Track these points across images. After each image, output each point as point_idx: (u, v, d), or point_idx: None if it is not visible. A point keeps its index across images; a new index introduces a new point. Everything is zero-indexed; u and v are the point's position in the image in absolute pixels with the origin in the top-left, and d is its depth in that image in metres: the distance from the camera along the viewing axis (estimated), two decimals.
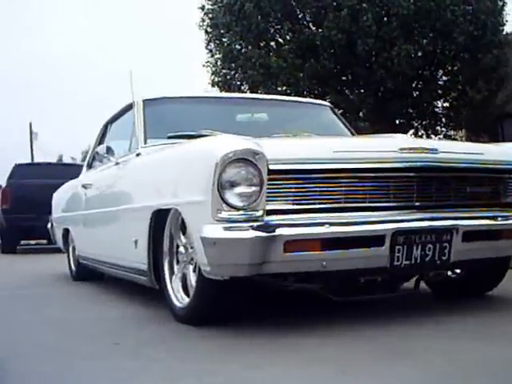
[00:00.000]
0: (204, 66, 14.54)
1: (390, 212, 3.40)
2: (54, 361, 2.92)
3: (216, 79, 14.26)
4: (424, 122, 14.35)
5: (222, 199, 3.05)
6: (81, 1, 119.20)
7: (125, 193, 4.50)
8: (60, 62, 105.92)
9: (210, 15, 14.16)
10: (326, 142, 3.73)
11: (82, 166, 15.77)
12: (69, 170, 13.70)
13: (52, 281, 6.87)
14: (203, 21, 14.35)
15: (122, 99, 5.35)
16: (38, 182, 12.26)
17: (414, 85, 13.43)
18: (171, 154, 3.92)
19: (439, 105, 14.46)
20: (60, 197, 7.34)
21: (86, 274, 6.38)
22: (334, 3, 12.05)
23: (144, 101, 4.87)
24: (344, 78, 13.16)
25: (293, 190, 3.21)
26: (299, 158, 3.23)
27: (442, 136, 14.42)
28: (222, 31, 13.84)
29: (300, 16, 13.22)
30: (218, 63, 14.33)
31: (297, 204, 3.22)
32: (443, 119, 14.56)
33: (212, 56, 14.44)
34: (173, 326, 3.57)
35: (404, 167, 3.41)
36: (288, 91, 12.15)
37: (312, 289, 3.60)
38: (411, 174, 3.43)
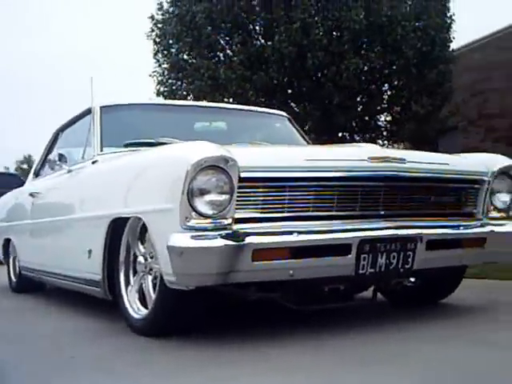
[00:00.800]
0: (151, 75, 14.40)
1: (356, 220, 3.38)
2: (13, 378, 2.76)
3: (162, 89, 14.12)
4: (366, 135, 14.46)
5: (192, 207, 2.96)
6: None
7: (79, 201, 4.34)
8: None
9: (160, 25, 14.01)
10: (297, 151, 3.69)
11: (16, 176, 15.44)
12: (4, 179, 13.42)
13: None
14: (152, 31, 14.21)
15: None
16: None
17: (359, 99, 13.54)
18: (134, 161, 3.80)
19: (382, 119, 14.62)
20: (2, 206, 7.06)
21: (28, 285, 6.15)
22: (286, 16, 12.04)
23: (101, 107, 4.72)
24: (291, 90, 13.16)
25: (262, 198, 3.15)
26: (271, 166, 3.17)
27: None
28: (170, 41, 13.71)
29: (250, 28, 13.18)
30: (165, 73, 14.20)
31: (265, 212, 3.16)
32: (385, 133, 14.72)
33: (159, 66, 14.29)
34: (129, 339, 3.44)
35: (372, 176, 3.39)
36: (235, 102, 12.08)
37: (273, 298, 3.54)
38: (379, 184, 3.42)
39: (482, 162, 3.93)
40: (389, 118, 14.38)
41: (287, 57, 12.01)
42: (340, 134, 13.32)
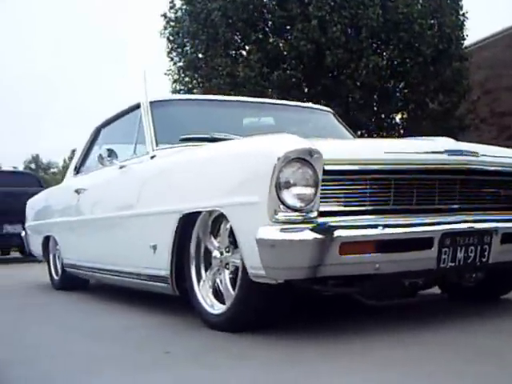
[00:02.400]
0: (166, 74, 14.41)
1: (434, 214, 3.37)
2: (114, 373, 2.72)
3: (178, 87, 14.13)
4: (383, 133, 14.48)
5: (280, 200, 2.94)
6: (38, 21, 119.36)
7: (138, 196, 4.29)
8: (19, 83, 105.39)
9: (173, 23, 14.00)
10: (377, 143, 3.68)
11: (32, 175, 15.47)
12: (22, 178, 13.43)
13: (34, 290, 6.55)
14: (165, 28, 14.20)
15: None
16: None
17: (375, 96, 13.55)
18: (204, 155, 3.78)
19: (398, 117, 14.62)
20: (38, 204, 7.05)
21: (70, 282, 6.10)
22: (303, 14, 12.05)
23: (151, 103, 4.70)
24: (308, 88, 13.18)
25: (344, 191, 3.13)
26: (352, 159, 3.16)
27: None
28: (185, 39, 13.71)
29: (264, 26, 13.18)
30: (181, 71, 14.20)
31: (347, 205, 3.14)
32: (401, 131, 14.73)
33: (174, 64, 14.29)
34: (213, 333, 3.39)
35: (450, 169, 3.39)
36: None
37: (349, 293, 3.53)
38: (455, 177, 3.42)
39: None
40: (405, 116, 14.37)
41: (305, 54, 12.02)
42: (359, 132, 13.31)
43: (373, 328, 3.38)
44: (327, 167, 3.03)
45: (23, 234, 7.55)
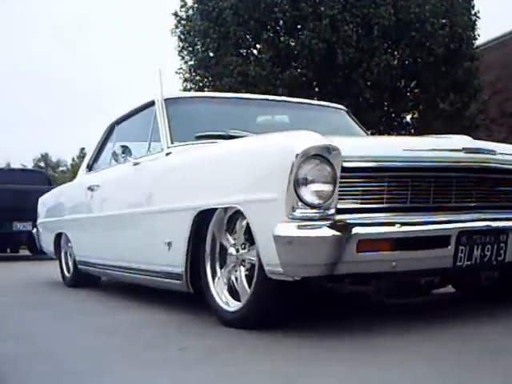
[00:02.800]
0: (177, 72, 14.43)
1: (451, 212, 3.35)
2: (126, 369, 2.72)
3: (189, 86, 14.15)
4: (393, 133, 14.45)
5: (298, 197, 2.94)
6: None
7: (153, 194, 4.30)
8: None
9: (184, 21, 14.02)
10: (395, 141, 3.66)
11: (40, 173, 15.49)
12: (32, 176, 13.49)
13: (45, 287, 6.56)
14: (176, 27, 14.22)
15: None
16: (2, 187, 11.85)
17: (386, 96, 13.52)
18: (221, 152, 3.77)
19: (409, 117, 14.60)
20: (51, 201, 7.06)
21: (82, 280, 6.10)
22: (314, 13, 12.05)
23: (166, 100, 4.69)
24: (318, 87, 13.18)
25: (361, 188, 3.12)
26: (370, 156, 3.14)
27: None
28: (196, 38, 13.73)
29: (275, 24, 13.17)
30: (192, 70, 14.22)
31: (364, 203, 3.13)
32: (412, 131, 14.70)
33: (185, 63, 14.31)
34: (229, 330, 3.38)
35: (467, 167, 3.37)
36: None
37: (364, 291, 3.52)
38: (472, 175, 3.40)
39: None
40: (416, 116, 14.34)
41: (317, 53, 12.01)
42: (369, 132, 13.28)
43: (387, 326, 3.38)
44: (345, 164, 3.02)
45: (34, 231, 7.57)
